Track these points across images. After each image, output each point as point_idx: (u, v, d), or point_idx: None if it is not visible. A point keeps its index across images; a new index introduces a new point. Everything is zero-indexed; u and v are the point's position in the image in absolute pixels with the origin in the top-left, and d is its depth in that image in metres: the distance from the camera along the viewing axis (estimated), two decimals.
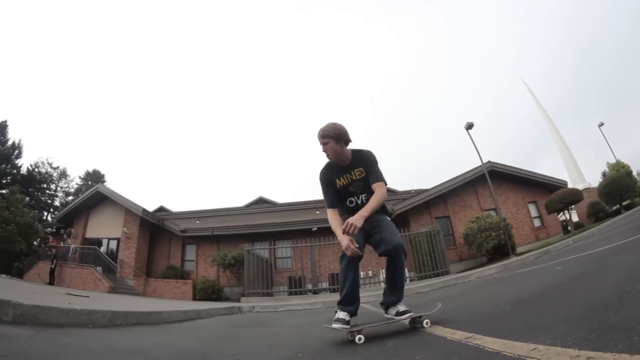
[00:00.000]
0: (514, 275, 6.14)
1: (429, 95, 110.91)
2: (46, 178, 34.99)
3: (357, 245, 2.26)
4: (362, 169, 2.52)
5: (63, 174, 34.86)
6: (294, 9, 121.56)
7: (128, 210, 18.82)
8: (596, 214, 18.66)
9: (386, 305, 2.49)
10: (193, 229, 19.43)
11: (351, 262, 2.34)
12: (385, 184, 2.51)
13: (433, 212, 17.56)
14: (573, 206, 18.84)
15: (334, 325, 2.24)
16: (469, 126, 14.46)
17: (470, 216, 15.71)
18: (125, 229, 18.31)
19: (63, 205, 30.53)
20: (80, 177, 25.15)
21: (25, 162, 35.62)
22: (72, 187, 36.28)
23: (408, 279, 11.87)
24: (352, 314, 2.38)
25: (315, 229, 17.18)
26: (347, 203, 2.57)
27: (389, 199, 12.65)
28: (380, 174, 2.53)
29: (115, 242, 18.77)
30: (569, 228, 17.25)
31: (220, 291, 16.03)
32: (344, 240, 2.25)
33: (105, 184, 25.50)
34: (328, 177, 2.59)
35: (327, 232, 12.54)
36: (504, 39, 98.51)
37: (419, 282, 10.63)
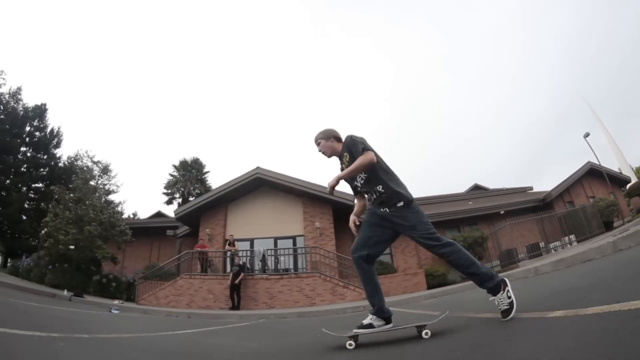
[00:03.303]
0: None
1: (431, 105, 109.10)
2: (85, 173, 27.95)
3: (357, 223, 2.60)
4: (346, 154, 2.57)
5: (105, 170, 27.91)
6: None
7: (309, 200, 14.51)
8: None
9: (487, 291, 2.28)
10: None
11: (356, 266, 2.50)
12: (362, 146, 2.46)
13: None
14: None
15: (353, 332, 2.30)
16: (586, 135, 18.80)
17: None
18: (317, 223, 14.13)
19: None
20: (174, 167, 18.78)
21: (63, 154, 28.74)
22: (114, 184, 29.31)
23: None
24: (375, 313, 2.41)
25: (502, 212, 17.37)
26: (356, 189, 2.66)
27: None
28: (355, 144, 2.50)
29: (289, 241, 14.23)
30: None
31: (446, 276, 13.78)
32: (351, 217, 2.66)
33: (207, 174, 19.13)
34: None
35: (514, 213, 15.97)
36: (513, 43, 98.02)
37: None
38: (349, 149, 2.54)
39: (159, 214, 22.03)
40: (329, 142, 2.71)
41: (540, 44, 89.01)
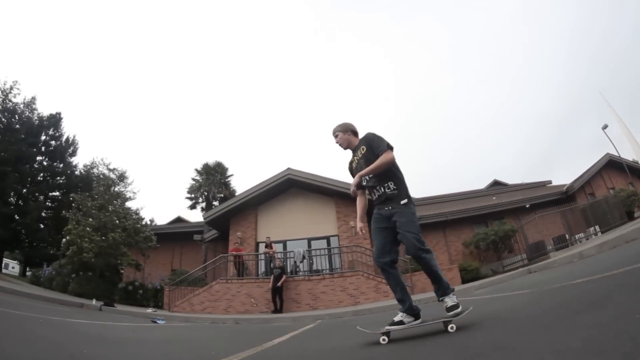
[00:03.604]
0: None
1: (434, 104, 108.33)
2: (101, 181, 27.67)
3: (364, 232, 2.95)
4: (364, 147, 2.71)
5: (121, 177, 27.54)
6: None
7: (341, 199, 14.10)
8: None
9: (438, 298, 2.55)
10: (429, 215, 16.52)
11: (383, 271, 2.61)
12: (385, 144, 2.61)
13: None
14: None
15: (386, 328, 2.45)
16: (605, 127, 18.49)
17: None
18: (352, 222, 13.82)
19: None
20: (197, 171, 18.30)
21: (79, 162, 28.43)
22: (131, 191, 28.90)
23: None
24: (406, 312, 2.51)
25: (528, 205, 17.31)
26: (362, 182, 2.71)
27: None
28: (378, 141, 2.65)
29: (323, 241, 13.89)
30: None
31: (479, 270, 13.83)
32: (357, 224, 2.91)
33: (230, 178, 18.61)
34: (349, 166, 2.93)
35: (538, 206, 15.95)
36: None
37: None
38: (368, 144, 2.69)
39: (179, 220, 21.58)
40: (346, 135, 2.88)
41: (542, 39, 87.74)
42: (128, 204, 27.30)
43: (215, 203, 18.39)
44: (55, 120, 26.13)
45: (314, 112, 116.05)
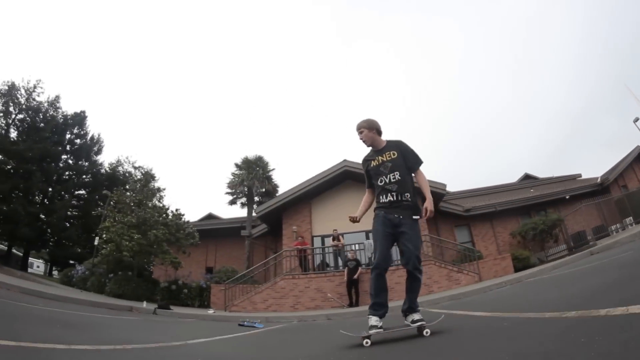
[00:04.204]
0: None
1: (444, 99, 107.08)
2: (128, 178, 26.99)
3: (357, 221, 2.95)
4: (394, 152, 2.77)
5: (147, 175, 26.82)
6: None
7: None
8: None
9: (404, 312, 2.65)
10: (479, 207, 16.40)
11: (379, 275, 2.62)
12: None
13: None
14: None
15: (371, 332, 2.47)
16: (636, 119, 16.19)
17: None
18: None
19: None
20: (237, 165, 17.42)
21: (104, 160, 27.82)
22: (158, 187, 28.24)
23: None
24: (382, 316, 2.58)
25: (568, 197, 17.11)
26: (379, 182, 2.76)
27: None
28: (419, 159, 2.83)
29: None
30: None
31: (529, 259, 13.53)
32: (358, 213, 2.95)
33: (271, 172, 17.73)
34: (364, 163, 2.94)
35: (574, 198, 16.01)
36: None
37: None
38: (403, 153, 2.78)
39: (210, 216, 20.83)
40: (371, 132, 2.85)
41: (552, 36, 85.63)
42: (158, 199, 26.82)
43: (256, 198, 17.52)
44: (80, 119, 25.54)
45: (339, 108, 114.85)
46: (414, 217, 2.62)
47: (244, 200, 17.76)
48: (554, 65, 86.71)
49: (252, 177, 16.65)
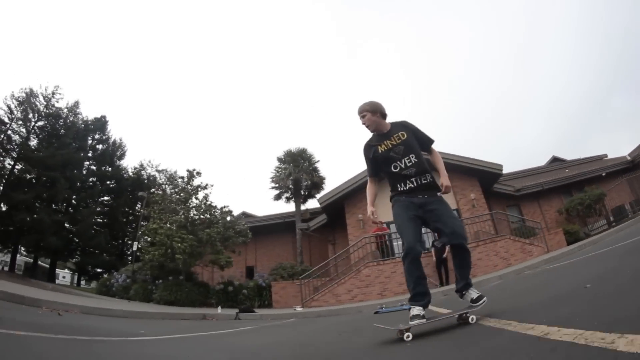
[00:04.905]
0: None
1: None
2: (152, 182, 26.01)
3: (377, 217, 2.57)
4: (403, 133, 2.50)
5: (172, 178, 25.81)
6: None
7: (456, 174, 13.59)
8: None
9: (459, 291, 2.43)
10: (528, 186, 16.67)
11: (414, 261, 2.29)
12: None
13: None
14: None
15: (411, 323, 2.15)
16: None
17: None
18: (473, 195, 13.93)
19: None
20: (280, 159, 16.51)
21: (128, 165, 26.86)
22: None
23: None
24: (425, 306, 2.29)
25: (604, 174, 17.51)
26: (392, 168, 2.48)
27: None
28: (426, 135, 2.60)
29: None
30: None
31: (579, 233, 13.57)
32: (368, 208, 2.65)
33: (317, 164, 16.82)
34: (368, 149, 2.61)
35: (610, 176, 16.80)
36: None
37: None
38: (412, 133, 2.52)
39: (244, 215, 19.80)
40: (374, 116, 2.55)
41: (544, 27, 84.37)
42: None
43: (302, 192, 16.58)
44: (101, 124, 24.56)
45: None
46: (438, 194, 2.42)
47: (288, 194, 16.80)
48: (556, 51, 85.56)
49: (299, 170, 15.66)
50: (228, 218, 12.97)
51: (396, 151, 2.45)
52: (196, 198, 12.80)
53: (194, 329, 4.65)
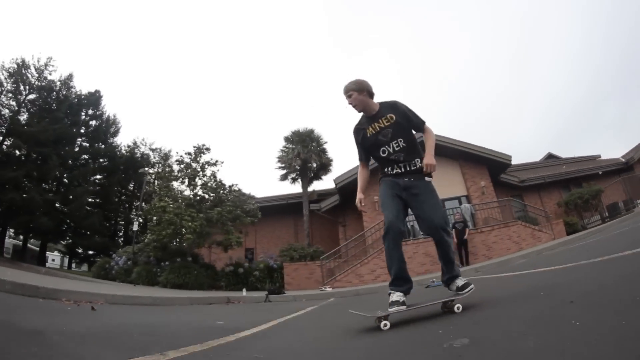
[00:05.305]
0: None
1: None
2: (146, 160, 25.00)
3: (363, 204, 2.44)
4: (392, 115, 2.30)
5: (166, 157, 24.91)
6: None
7: (465, 161, 14.62)
8: None
9: (445, 283, 2.27)
10: (531, 178, 17.37)
11: (393, 240, 2.14)
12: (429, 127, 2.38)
13: None
14: None
15: (390, 310, 2.01)
16: None
17: None
18: (483, 182, 14.30)
19: None
20: (287, 139, 15.95)
21: (121, 142, 25.67)
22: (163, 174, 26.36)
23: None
24: (406, 293, 2.15)
25: (601, 172, 18.14)
26: (380, 153, 2.34)
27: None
28: (417, 115, 2.36)
29: (455, 201, 13.94)
30: None
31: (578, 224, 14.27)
32: (358, 195, 2.45)
33: (324, 145, 16.31)
34: (357, 133, 2.44)
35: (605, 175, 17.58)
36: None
37: None
38: (402, 114, 2.31)
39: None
40: (361, 95, 2.33)
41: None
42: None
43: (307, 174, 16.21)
44: (95, 98, 23.31)
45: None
46: (427, 178, 2.27)
47: (293, 175, 16.31)
48: (549, 55, 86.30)
49: (307, 150, 15.13)
50: (238, 197, 12.40)
51: (385, 134, 2.29)
52: (204, 175, 12.14)
53: (253, 315, 4.16)
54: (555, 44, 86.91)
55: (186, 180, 12.07)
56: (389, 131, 2.28)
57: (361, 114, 2.42)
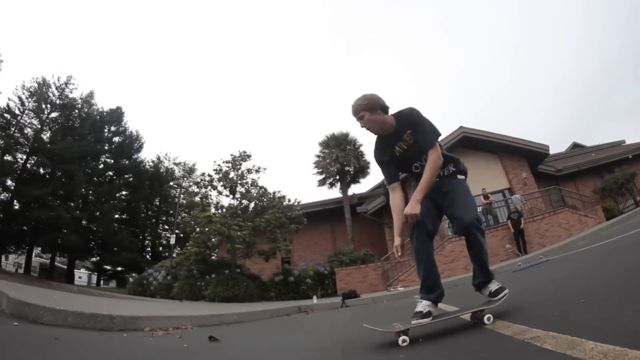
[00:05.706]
0: None
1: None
2: (170, 175, 24.81)
3: (399, 253, 2.04)
4: (411, 133, 2.00)
5: (190, 171, 24.68)
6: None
7: (505, 154, 14.73)
8: None
9: (477, 287, 2.05)
10: (567, 167, 17.47)
11: (421, 238, 1.95)
12: (437, 139, 1.97)
13: None
14: None
15: (413, 322, 1.79)
16: None
17: None
18: (524, 174, 14.41)
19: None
20: (323, 144, 15.66)
21: (145, 158, 25.57)
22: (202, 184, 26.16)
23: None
24: (435, 301, 1.93)
25: (630, 156, 17.95)
26: (413, 169, 2.10)
27: None
28: (429, 132, 1.96)
29: (499, 194, 13.96)
30: None
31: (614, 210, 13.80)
32: (395, 240, 2.02)
33: (361, 147, 16.05)
34: (381, 154, 2.11)
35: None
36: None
37: None
38: (412, 128, 1.99)
39: None
40: (374, 114, 1.96)
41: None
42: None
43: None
44: (117, 115, 23.22)
45: None
46: (459, 176, 2.08)
47: (331, 180, 16.01)
48: (558, 39, 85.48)
49: (345, 154, 14.77)
50: (284, 203, 11.99)
51: (412, 151, 2.04)
52: (245, 183, 11.78)
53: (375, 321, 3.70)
54: (555, 44, 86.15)
55: (227, 189, 11.71)
56: (415, 149, 2.02)
57: (377, 134, 2.11)
